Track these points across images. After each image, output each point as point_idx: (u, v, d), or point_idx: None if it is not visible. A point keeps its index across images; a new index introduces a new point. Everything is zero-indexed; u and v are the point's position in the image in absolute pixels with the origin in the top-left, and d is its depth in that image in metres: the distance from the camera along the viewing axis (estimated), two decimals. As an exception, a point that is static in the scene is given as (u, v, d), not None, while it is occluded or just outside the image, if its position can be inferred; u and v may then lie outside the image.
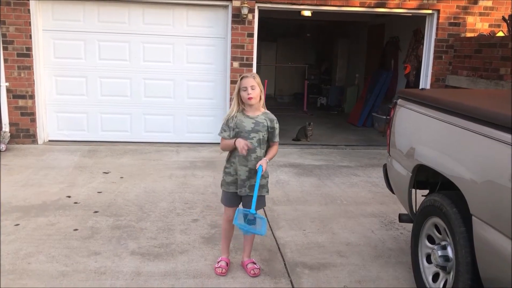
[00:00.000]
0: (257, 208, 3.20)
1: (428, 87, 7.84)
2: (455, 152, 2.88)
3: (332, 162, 6.95)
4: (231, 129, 3.31)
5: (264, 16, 7.88)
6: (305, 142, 8.32)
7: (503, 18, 7.32)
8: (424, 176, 3.42)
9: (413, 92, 3.76)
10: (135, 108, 7.71)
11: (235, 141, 3.26)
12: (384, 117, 8.91)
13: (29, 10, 7.00)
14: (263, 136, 3.32)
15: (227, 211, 3.51)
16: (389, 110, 4.14)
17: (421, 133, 3.39)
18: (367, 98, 10.43)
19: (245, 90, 3.25)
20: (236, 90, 3.31)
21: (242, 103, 3.32)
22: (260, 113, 3.35)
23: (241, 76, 3.33)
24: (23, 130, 7.30)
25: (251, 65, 7.59)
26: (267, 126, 3.33)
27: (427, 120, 3.28)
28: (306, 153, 7.46)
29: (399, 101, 3.86)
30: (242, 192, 3.35)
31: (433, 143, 3.19)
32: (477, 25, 7.71)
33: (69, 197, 5.05)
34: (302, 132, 8.50)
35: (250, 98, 3.25)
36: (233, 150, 3.35)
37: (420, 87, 8.00)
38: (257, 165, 3.25)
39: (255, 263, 3.55)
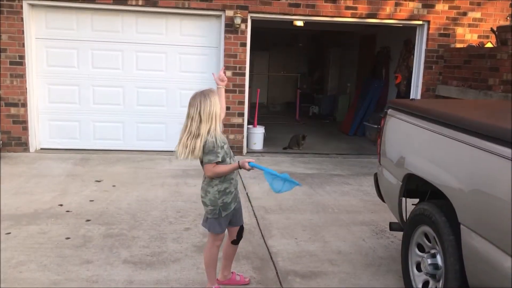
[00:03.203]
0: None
1: (418, 96, 7.93)
2: (443, 162, 2.93)
3: (324, 171, 6.99)
4: (225, 152, 3.12)
5: (257, 25, 7.95)
6: (297, 151, 8.37)
7: (492, 30, 7.45)
8: (414, 185, 3.47)
9: (403, 103, 3.83)
10: (127, 117, 7.72)
11: (239, 165, 3.06)
12: (376, 126, 8.99)
13: (22, 19, 7.02)
14: None
15: (220, 237, 3.28)
16: (380, 119, 4.19)
17: (411, 142, 3.44)
18: (359, 107, 10.52)
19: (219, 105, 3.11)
20: (213, 109, 3.04)
21: (216, 121, 3.09)
22: None
23: (211, 92, 3.10)
24: (15, 138, 7.28)
25: (243, 74, 7.65)
26: None
27: (416, 130, 3.34)
28: (298, 162, 7.51)
29: (390, 111, 3.92)
30: (238, 201, 3.32)
31: (423, 152, 3.25)
32: (466, 36, 7.84)
33: (61, 205, 5.04)
34: (294, 141, 8.55)
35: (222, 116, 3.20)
36: None
37: (410, 97, 8.09)
38: (246, 163, 3.06)
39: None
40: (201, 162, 3.12)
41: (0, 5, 6.91)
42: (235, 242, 3.39)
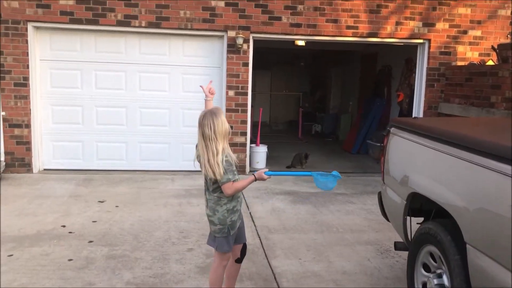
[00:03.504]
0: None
1: (421, 114, 7.94)
2: (447, 180, 2.92)
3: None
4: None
5: (259, 45, 8.02)
6: (300, 169, 8.35)
7: (492, 48, 7.49)
8: (419, 204, 3.45)
9: (406, 121, 3.82)
10: (130, 137, 7.75)
11: (255, 178, 3.10)
12: (379, 144, 8.98)
13: (27, 41, 7.10)
14: None
15: (227, 256, 3.27)
16: (383, 137, 4.19)
17: (415, 161, 3.43)
18: (361, 125, 10.53)
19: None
20: (225, 128, 3.05)
21: (227, 139, 3.11)
22: None
23: (219, 111, 3.10)
24: (19, 159, 7.30)
25: (246, 94, 7.69)
26: None
27: (420, 148, 3.33)
28: (301, 180, 7.48)
29: (392, 129, 3.92)
30: (241, 218, 3.30)
31: (426, 171, 3.23)
32: (467, 54, 7.88)
33: (63, 226, 5.02)
34: (297, 159, 8.54)
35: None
36: None
37: (413, 115, 8.10)
38: (263, 173, 3.11)
39: None
40: (214, 181, 3.08)
41: (6, 28, 7.00)
42: (239, 260, 3.37)
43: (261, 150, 8.42)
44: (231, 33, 7.46)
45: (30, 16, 7.05)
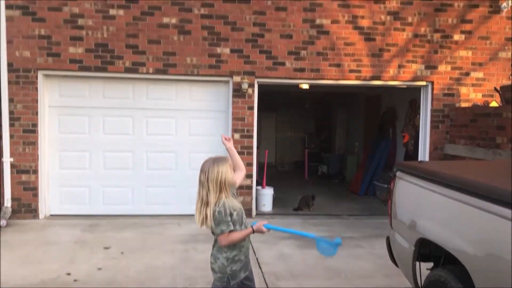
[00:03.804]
0: None
1: (427, 155, 7.93)
2: (455, 226, 2.88)
3: (335, 233, 6.87)
4: (234, 219, 3.04)
5: (264, 89, 8.15)
6: (307, 212, 8.29)
7: (495, 89, 7.56)
8: (428, 249, 3.40)
9: (412, 165, 3.82)
10: (137, 181, 7.77)
11: (253, 230, 3.07)
12: (386, 185, 8.93)
13: (37, 88, 7.26)
14: None
15: None
16: (389, 178, 4.18)
17: (422, 206, 3.41)
18: (367, 167, 10.51)
19: (231, 173, 3.08)
20: (221, 178, 2.98)
21: (226, 190, 3.04)
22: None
23: (221, 160, 3.07)
24: (25, 205, 7.31)
25: (251, 137, 7.75)
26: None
27: (426, 193, 3.31)
28: (308, 224, 7.41)
29: (398, 173, 3.92)
30: (249, 269, 3.23)
31: (434, 216, 3.20)
32: (470, 95, 7.95)
33: (68, 274, 4.96)
34: (304, 202, 8.48)
35: (236, 182, 3.15)
36: None
37: (419, 157, 8.10)
38: (262, 226, 3.08)
39: None
40: (212, 232, 3.08)
41: (17, 76, 7.18)
42: None
43: (268, 193, 8.39)
44: (237, 78, 7.59)
45: (41, 65, 7.23)
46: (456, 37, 7.87)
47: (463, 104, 7.89)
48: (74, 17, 7.24)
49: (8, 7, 7.12)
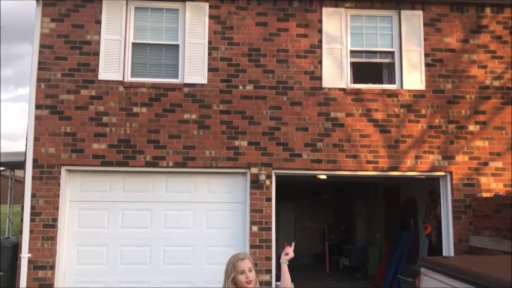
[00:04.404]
0: None
1: (451, 248, 7.65)
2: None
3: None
4: None
5: (281, 179, 8.19)
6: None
7: (517, 179, 7.48)
8: None
9: (436, 261, 3.71)
10: (153, 276, 7.59)
11: None
12: (411, 279, 8.56)
13: (59, 183, 7.43)
14: None
15: None
16: (414, 272, 4.03)
17: (449, 306, 3.24)
18: (390, 260, 10.17)
19: (242, 273, 3.02)
20: (230, 275, 2.99)
21: (235, 284, 3.00)
22: None
23: (235, 258, 3.08)
24: (39, 302, 7.16)
25: (270, 229, 7.64)
26: None
27: (453, 292, 3.17)
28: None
29: (423, 269, 3.79)
30: None
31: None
32: (491, 185, 7.83)
33: None
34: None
35: (249, 282, 3.04)
36: None
37: (443, 249, 7.82)
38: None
39: None
40: None
41: (41, 172, 7.39)
42: None
43: (287, 288, 8.07)
44: (254, 170, 7.68)
45: (65, 160, 7.47)
46: (471, 127, 7.96)
47: (485, 194, 7.75)
48: (99, 115, 7.60)
49: (37, 107, 7.54)
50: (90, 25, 7.77)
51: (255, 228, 7.60)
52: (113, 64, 7.75)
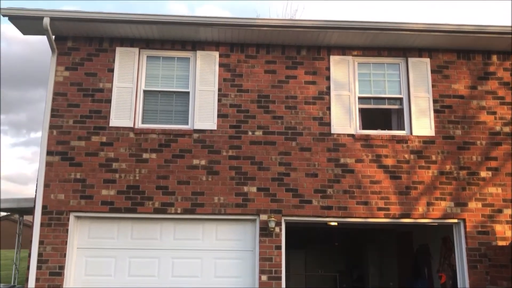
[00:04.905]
0: None
1: (468, 299, 7.38)
2: None
3: None
4: None
5: (291, 226, 8.06)
6: None
7: (532, 226, 7.29)
8: None
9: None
10: (159, 327, 7.39)
11: None
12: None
13: (67, 230, 7.38)
14: None
15: None
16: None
17: None
18: (405, 310, 9.82)
19: None
20: None
21: None
22: None
23: None
24: None
25: (280, 278, 7.44)
26: None
27: None
28: None
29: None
30: None
31: None
32: (506, 233, 7.63)
33: None
34: None
35: None
36: None
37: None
38: None
39: None
40: None
41: (50, 219, 7.37)
42: None
43: None
44: (263, 217, 7.59)
45: (73, 207, 7.46)
46: (483, 174, 7.86)
47: (500, 243, 7.54)
48: (109, 161, 7.65)
49: (49, 153, 7.61)
50: (103, 73, 7.96)
51: (264, 278, 7.42)
52: (124, 111, 7.86)
